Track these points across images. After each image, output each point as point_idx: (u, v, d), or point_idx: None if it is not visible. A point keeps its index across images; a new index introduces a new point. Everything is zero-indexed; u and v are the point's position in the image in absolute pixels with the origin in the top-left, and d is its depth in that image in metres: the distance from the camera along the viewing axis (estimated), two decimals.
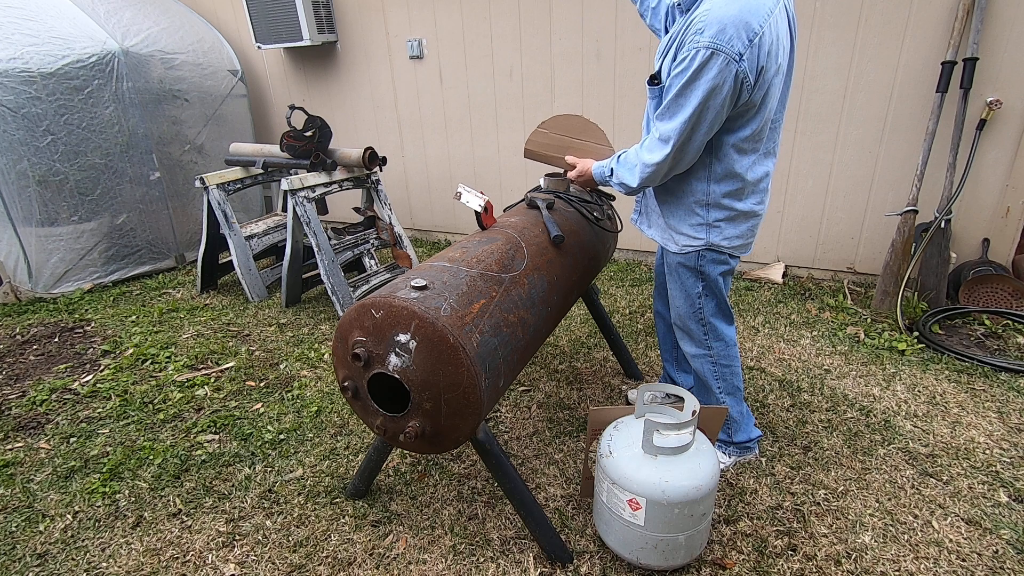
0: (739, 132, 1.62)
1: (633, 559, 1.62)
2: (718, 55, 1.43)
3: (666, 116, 1.58)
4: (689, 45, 1.47)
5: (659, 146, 1.62)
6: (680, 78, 1.50)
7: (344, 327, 1.54)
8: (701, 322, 1.93)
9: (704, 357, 1.97)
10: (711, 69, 1.45)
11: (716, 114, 1.52)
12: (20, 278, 3.71)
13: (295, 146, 3.55)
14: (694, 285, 1.88)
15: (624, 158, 1.78)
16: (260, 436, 2.36)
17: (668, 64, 1.58)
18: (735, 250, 1.81)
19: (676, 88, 1.52)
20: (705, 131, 1.56)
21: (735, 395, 2.01)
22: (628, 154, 1.76)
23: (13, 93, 3.46)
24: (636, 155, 1.71)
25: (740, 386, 2.01)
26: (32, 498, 2.07)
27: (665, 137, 1.59)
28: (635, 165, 1.71)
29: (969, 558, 1.67)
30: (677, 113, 1.54)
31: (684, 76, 1.48)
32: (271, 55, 4.93)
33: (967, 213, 3.18)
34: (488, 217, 1.96)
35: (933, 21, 2.95)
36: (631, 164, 1.74)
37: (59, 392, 2.73)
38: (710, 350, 1.95)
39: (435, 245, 4.84)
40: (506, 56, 4.02)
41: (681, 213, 1.81)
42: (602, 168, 1.88)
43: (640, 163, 1.69)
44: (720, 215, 1.75)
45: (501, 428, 2.37)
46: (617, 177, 1.80)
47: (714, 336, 1.93)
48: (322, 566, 1.74)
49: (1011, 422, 2.25)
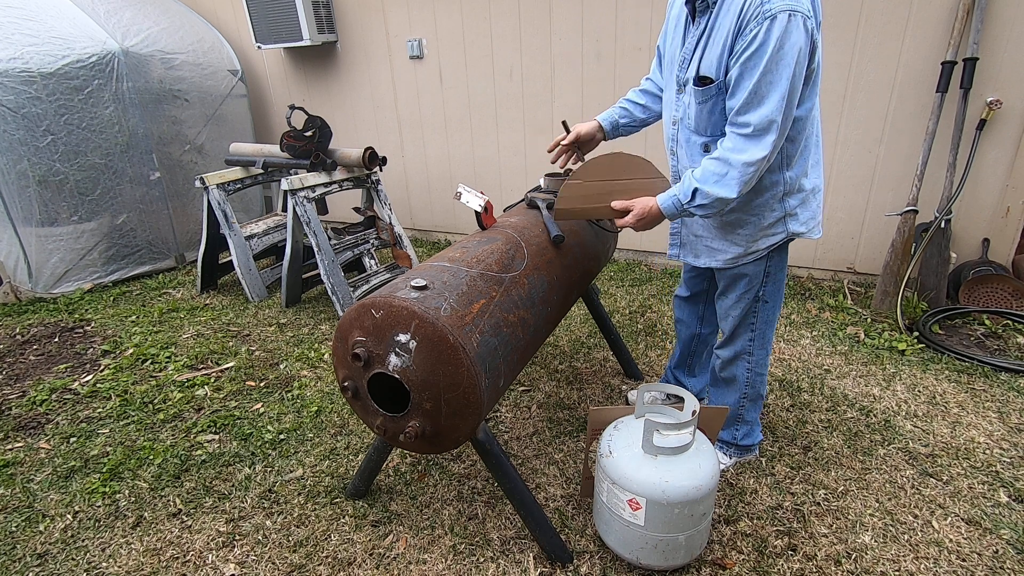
0: (804, 104, 1.52)
1: (633, 559, 1.62)
2: (795, 15, 1.35)
3: (754, 104, 1.43)
4: (758, 19, 1.36)
5: (757, 139, 1.45)
6: (760, 55, 1.38)
7: (344, 327, 1.54)
8: (752, 327, 1.86)
9: (742, 362, 1.92)
10: (792, 32, 1.35)
11: (800, 82, 1.43)
12: (20, 278, 3.71)
13: (295, 146, 3.55)
14: (755, 289, 1.79)
15: (704, 173, 1.53)
16: (260, 436, 2.36)
17: (717, 56, 1.47)
18: (811, 232, 1.71)
19: (759, 68, 1.39)
20: (794, 104, 1.45)
21: (756, 402, 2.00)
22: (706, 167, 1.53)
23: (13, 93, 3.46)
24: (722, 163, 1.50)
25: (764, 393, 1.99)
26: (32, 498, 2.07)
27: (763, 126, 1.43)
28: (724, 174, 1.49)
29: (969, 558, 1.67)
30: (769, 94, 1.41)
31: (765, 51, 1.37)
32: (271, 55, 4.93)
33: (967, 213, 3.17)
34: (488, 217, 1.97)
35: (933, 21, 2.95)
36: (718, 174, 1.50)
37: (59, 392, 2.73)
38: (751, 355, 1.90)
39: (435, 245, 4.84)
40: (506, 56, 4.02)
41: (753, 219, 1.68)
42: (674, 197, 1.59)
43: (735, 167, 1.48)
44: (796, 201, 1.65)
45: (501, 428, 2.37)
46: (704, 196, 1.53)
47: (759, 343, 1.89)
48: (322, 566, 1.74)
49: (1011, 422, 2.25)
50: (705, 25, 1.52)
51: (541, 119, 4.08)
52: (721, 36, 1.46)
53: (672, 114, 1.73)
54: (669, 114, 1.75)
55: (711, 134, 1.62)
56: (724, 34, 1.45)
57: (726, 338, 1.93)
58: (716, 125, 1.59)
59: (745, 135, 1.47)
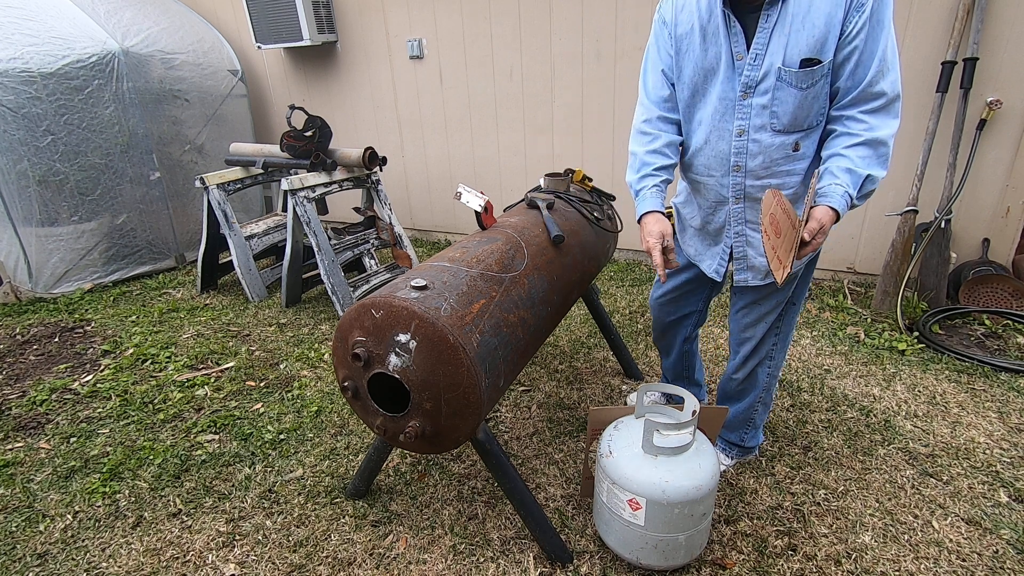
0: None
1: (633, 559, 1.62)
2: None
3: (884, 71, 1.39)
4: None
5: (891, 108, 1.42)
6: (880, 21, 1.36)
7: (344, 327, 1.54)
8: (777, 331, 1.81)
9: (763, 368, 1.88)
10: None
11: None
12: (20, 278, 3.71)
13: (295, 146, 3.55)
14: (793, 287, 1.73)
15: (856, 161, 1.43)
16: (260, 436, 2.36)
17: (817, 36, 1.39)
18: None
19: (882, 34, 1.36)
20: None
21: (768, 405, 1.99)
22: (857, 154, 1.43)
23: (13, 93, 3.46)
24: (872, 145, 1.42)
25: (774, 397, 1.98)
26: (32, 498, 2.07)
27: (895, 92, 1.41)
28: (880, 154, 1.43)
29: (969, 558, 1.67)
30: (893, 59, 1.39)
31: (883, 16, 1.35)
32: (271, 55, 4.93)
33: (967, 213, 3.17)
34: (488, 217, 1.96)
35: (933, 21, 2.95)
36: (875, 155, 1.43)
37: (59, 392, 2.73)
38: (772, 360, 1.87)
39: (435, 245, 4.84)
40: (506, 56, 4.02)
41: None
42: (844, 195, 1.41)
43: (885, 143, 1.43)
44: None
45: (501, 428, 2.37)
46: (873, 182, 1.45)
47: (781, 346, 1.86)
48: (322, 566, 1.74)
49: (1011, 422, 2.25)
50: (777, 13, 1.43)
51: (541, 119, 4.08)
52: (819, 15, 1.38)
53: (735, 126, 1.54)
54: (725, 128, 1.57)
55: (808, 126, 1.51)
56: (823, 12, 1.38)
57: (750, 351, 1.84)
58: (816, 114, 1.49)
59: (880, 107, 1.42)
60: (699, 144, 1.64)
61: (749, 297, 1.79)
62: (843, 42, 1.38)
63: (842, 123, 1.46)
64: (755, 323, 1.81)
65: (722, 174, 1.63)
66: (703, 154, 1.64)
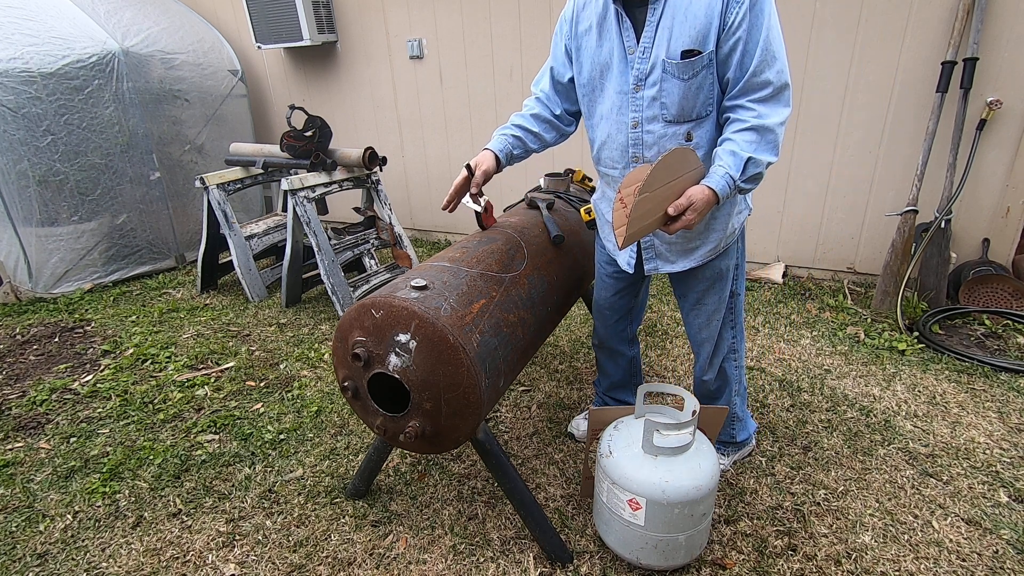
0: None
1: (633, 559, 1.62)
2: None
3: (768, 61, 1.40)
4: None
5: (779, 97, 1.44)
6: (761, 12, 1.38)
7: (344, 327, 1.54)
8: (732, 324, 1.86)
9: (730, 361, 1.92)
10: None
11: None
12: (20, 278, 3.71)
13: (295, 146, 3.55)
14: (730, 280, 1.77)
15: (741, 144, 1.45)
16: (260, 436, 2.36)
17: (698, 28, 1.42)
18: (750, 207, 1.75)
19: (763, 24, 1.38)
20: None
21: (743, 394, 2.02)
22: (743, 139, 1.45)
23: (13, 93, 3.46)
24: (757, 131, 1.44)
25: (745, 383, 2.01)
26: (32, 498, 2.07)
27: (782, 81, 1.43)
28: (765, 140, 1.45)
29: (969, 558, 1.67)
30: (778, 48, 1.41)
31: (763, 6, 1.38)
32: (271, 55, 4.93)
33: (967, 213, 3.17)
34: (488, 217, 1.97)
35: (933, 21, 2.95)
36: (758, 141, 1.44)
37: (59, 392, 2.73)
38: (736, 352, 1.91)
39: (435, 245, 4.84)
40: (506, 56, 4.02)
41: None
42: (725, 176, 1.44)
43: (772, 130, 1.44)
44: None
45: (501, 428, 2.37)
46: (757, 165, 1.45)
47: (740, 336, 1.90)
48: (322, 566, 1.74)
49: (1011, 422, 2.25)
50: (662, 7, 1.46)
51: None
52: (699, 7, 1.42)
53: (630, 118, 1.58)
54: (622, 120, 1.60)
55: (697, 116, 1.53)
56: (703, 4, 1.41)
57: (712, 350, 1.87)
58: (704, 104, 1.52)
59: (767, 96, 1.44)
60: (603, 138, 1.69)
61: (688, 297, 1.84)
62: (726, 34, 1.41)
63: (734, 111, 1.50)
64: (707, 323, 1.84)
65: (623, 166, 1.67)
66: (607, 148, 1.69)
